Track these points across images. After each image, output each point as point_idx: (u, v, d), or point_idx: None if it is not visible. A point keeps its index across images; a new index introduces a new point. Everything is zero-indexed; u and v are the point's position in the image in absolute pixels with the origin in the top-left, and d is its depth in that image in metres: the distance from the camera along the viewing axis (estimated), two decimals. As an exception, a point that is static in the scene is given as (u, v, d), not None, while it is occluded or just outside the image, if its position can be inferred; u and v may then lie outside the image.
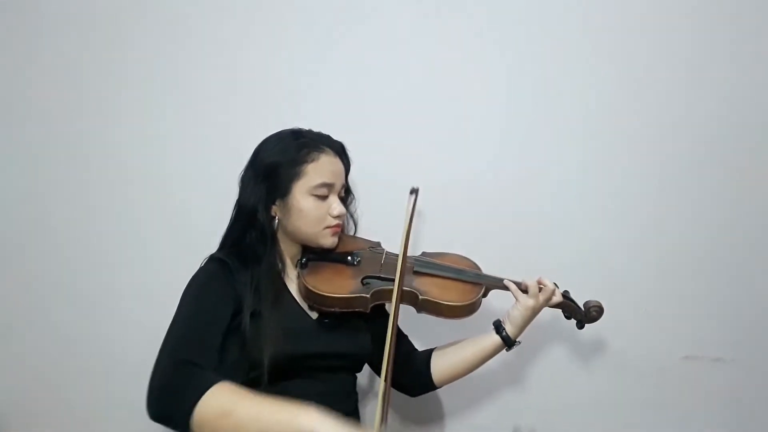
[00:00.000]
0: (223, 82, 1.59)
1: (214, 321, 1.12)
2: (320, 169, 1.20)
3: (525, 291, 1.28)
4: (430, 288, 1.25)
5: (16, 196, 1.61)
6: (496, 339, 1.30)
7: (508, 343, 1.30)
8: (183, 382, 0.99)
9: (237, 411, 0.96)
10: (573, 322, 1.38)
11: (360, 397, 1.34)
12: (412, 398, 1.42)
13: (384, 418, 1.05)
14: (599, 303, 1.35)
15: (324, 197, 1.21)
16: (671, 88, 1.57)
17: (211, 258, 1.22)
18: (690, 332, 1.60)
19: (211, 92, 1.59)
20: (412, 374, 1.35)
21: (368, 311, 1.21)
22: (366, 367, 1.36)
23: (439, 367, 1.33)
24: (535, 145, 1.59)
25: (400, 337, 1.38)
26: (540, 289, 1.28)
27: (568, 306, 1.34)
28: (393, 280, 1.18)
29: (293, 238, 1.24)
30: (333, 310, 1.20)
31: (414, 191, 1.26)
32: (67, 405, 1.63)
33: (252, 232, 1.21)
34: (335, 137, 1.27)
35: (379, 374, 1.34)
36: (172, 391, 0.99)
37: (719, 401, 1.61)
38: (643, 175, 1.59)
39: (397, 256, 1.23)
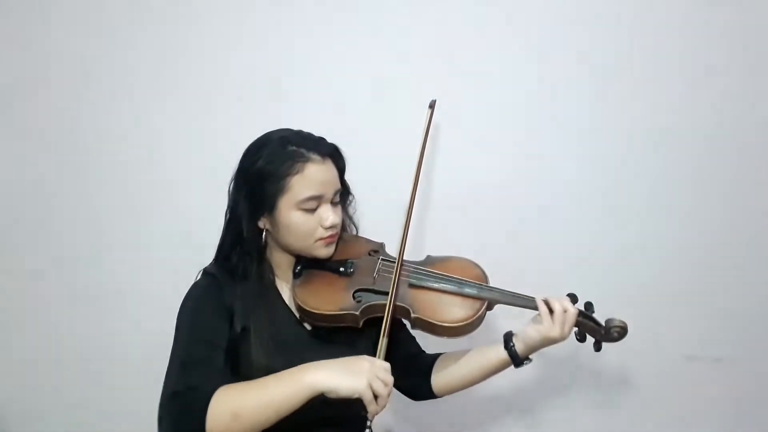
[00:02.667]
0: (220, 83, 1.58)
1: (213, 337, 1.10)
2: (306, 181, 1.12)
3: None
4: (424, 305, 1.15)
5: (15, 196, 1.61)
6: (503, 354, 1.19)
7: (516, 360, 1.19)
8: (185, 410, 0.98)
9: (244, 407, 0.95)
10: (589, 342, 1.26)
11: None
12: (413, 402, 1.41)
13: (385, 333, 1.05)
14: (623, 323, 1.20)
15: (313, 210, 1.14)
16: (672, 89, 1.57)
17: (204, 273, 1.20)
18: (690, 332, 1.60)
19: (210, 93, 1.59)
20: (414, 380, 1.29)
21: (359, 326, 1.16)
22: None
23: (439, 377, 1.26)
24: (536, 147, 1.58)
25: (407, 339, 1.33)
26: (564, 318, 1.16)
27: (585, 325, 1.21)
28: (386, 294, 1.13)
29: (286, 250, 1.20)
30: (323, 324, 1.16)
31: (432, 104, 1.20)
32: (67, 405, 1.63)
33: (239, 247, 1.17)
34: (334, 138, 1.21)
35: None
36: (177, 422, 0.98)
37: (719, 401, 1.61)
38: (643, 176, 1.59)
39: (394, 261, 1.19)
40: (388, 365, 1.01)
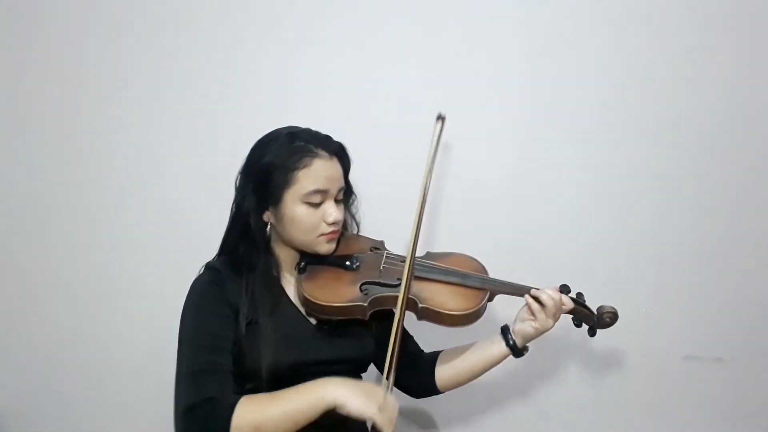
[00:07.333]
0: (223, 82, 1.59)
1: (218, 340, 1.11)
2: (312, 175, 1.14)
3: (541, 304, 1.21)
4: (430, 295, 1.19)
5: (15, 197, 1.61)
6: (503, 347, 1.25)
7: (517, 352, 1.25)
8: (206, 423, 1.02)
9: (266, 420, 1.01)
10: (584, 328, 1.30)
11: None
12: (416, 400, 1.41)
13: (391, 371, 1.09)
14: (614, 309, 1.27)
15: (317, 204, 1.15)
16: (674, 86, 1.57)
17: (207, 267, 1.20)
18: (690, 332, 1.60)
19: (211, 91, 1.59)
20: (417, 378, 1.31)
21: (366, 318, 1.17)
22: (371, 370, 1.32)
23: (443, 372, 1.29)
24: (536, 145, 1.59)
25: (407, 338, 1.35)
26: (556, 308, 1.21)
27: (579, 312, 1.27)
28: (392, 286, 1.16)
29: (289, 244, 1.21)
30: (330, 317, 1.17)
31: (440, 118, 1.21)
32: (67, 405, 1.63)
33: (246, 240, 1.18)
34: (339, 137, 1.22)
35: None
36: None
37: (719, 401, 1.61)
38: (643, 176, 1.59)
39: (397, 257, 1.22)
40: (397, 406, 1.06)
